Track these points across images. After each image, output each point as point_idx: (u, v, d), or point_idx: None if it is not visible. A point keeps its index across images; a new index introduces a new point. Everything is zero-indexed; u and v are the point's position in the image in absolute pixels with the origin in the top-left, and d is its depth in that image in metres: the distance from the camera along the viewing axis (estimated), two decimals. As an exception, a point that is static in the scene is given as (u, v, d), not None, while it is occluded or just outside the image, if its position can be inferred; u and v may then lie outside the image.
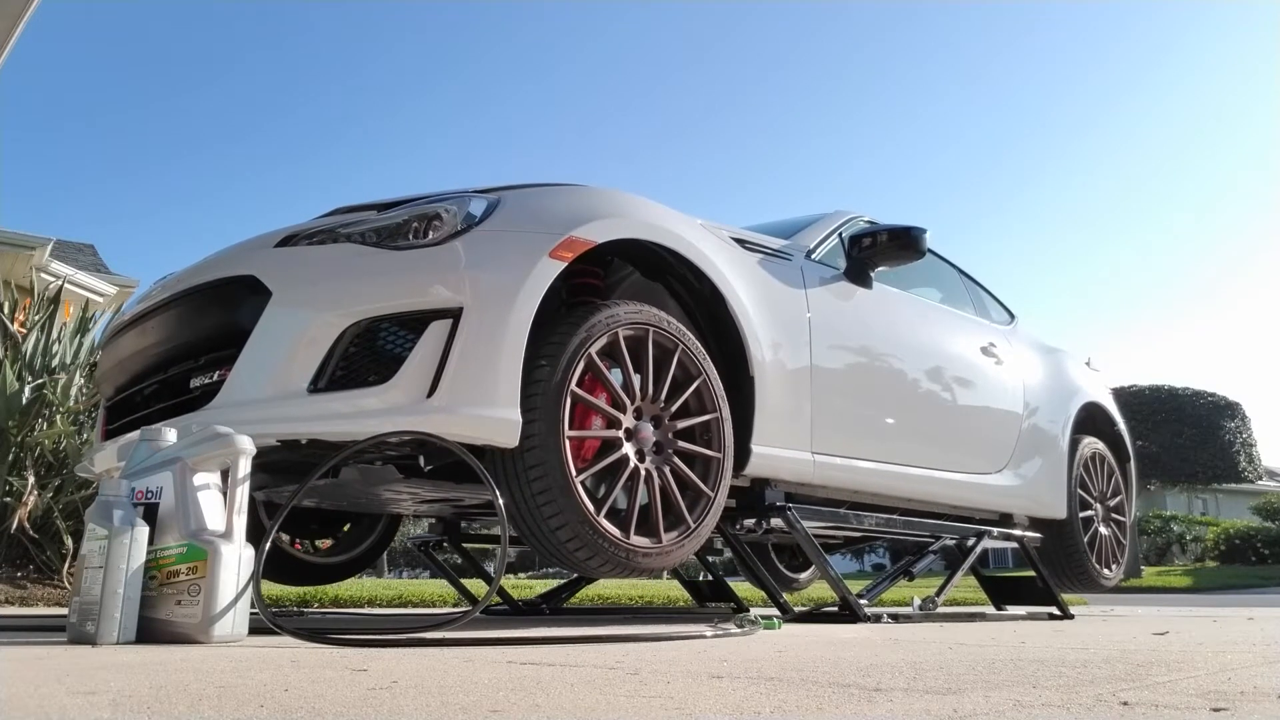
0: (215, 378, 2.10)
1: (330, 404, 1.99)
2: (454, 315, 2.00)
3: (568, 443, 2.08)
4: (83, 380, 4.80)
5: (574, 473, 2.08)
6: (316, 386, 2.00)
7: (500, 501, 1.96)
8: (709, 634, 1.96)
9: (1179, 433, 20.34)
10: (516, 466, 2.06)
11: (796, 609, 2.98)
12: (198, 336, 2.20)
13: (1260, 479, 22.14)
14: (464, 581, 3.90)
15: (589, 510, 2.08)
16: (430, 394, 1.97)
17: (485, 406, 1.98)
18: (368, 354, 2.04)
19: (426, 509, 3.22)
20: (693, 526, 2.30)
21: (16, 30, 5.50)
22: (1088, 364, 4.55)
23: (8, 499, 4.11)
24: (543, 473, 2.04)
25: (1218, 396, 21.17)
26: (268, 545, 1.83)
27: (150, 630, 1.62)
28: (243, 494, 1.75)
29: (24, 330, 4.89)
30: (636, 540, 2.18)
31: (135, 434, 1.96)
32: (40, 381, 4.51)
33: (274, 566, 3.18)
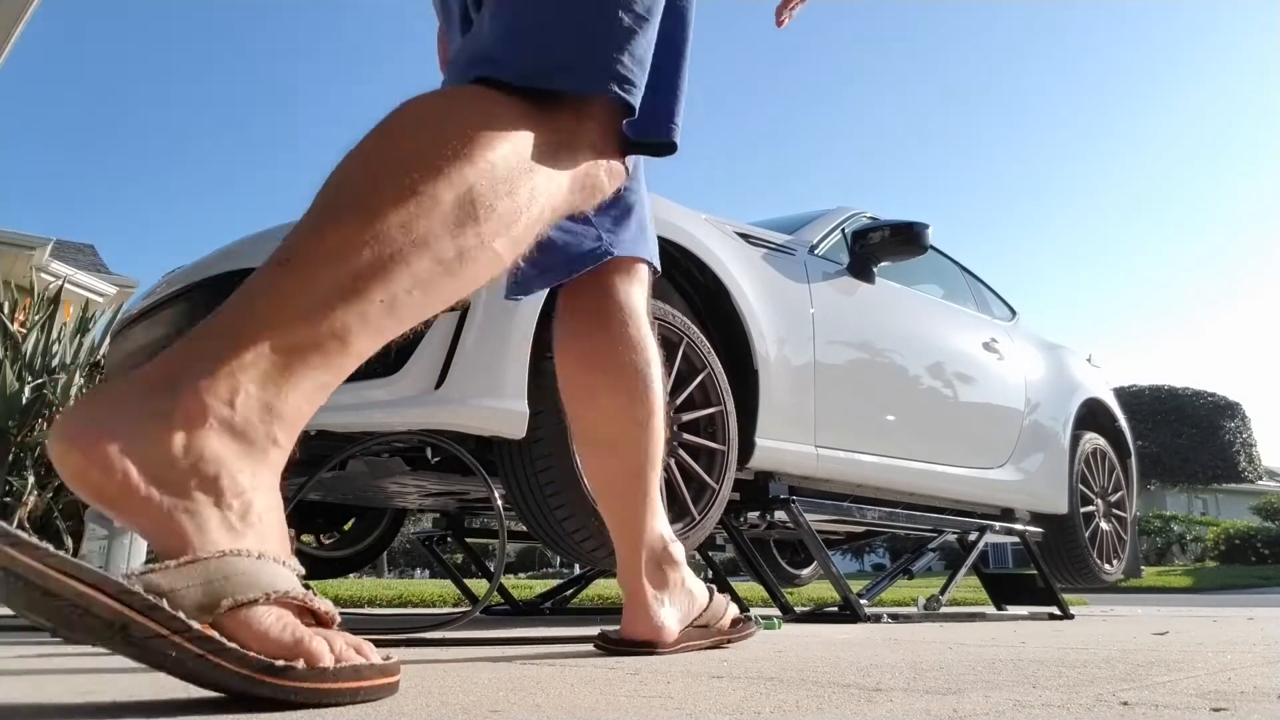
0: (224, 370, 2.11)
1: (338, 395, 1.98)
2: (462, 307, 2.02)
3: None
4: (82, 380, 4.80)
5: (580, 464, 2.08)
6: (325, 378, 2.01)
7: (496, 496, 1.96)
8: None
9: (1179, 433, 20.36)
10: (524, 458, 2.07)
11: (797, 609, 2.98)
12: (206, 329, 2.20)
13: (1260, 479, 22.16)
14: (466, 580, 3.90)
15: (595, 501, 2.09)
16: (438, 385, 1.98)
17: (493, 398, 1.99)
18: (376, 345, 2.04)
19: (431, 503, 3.22)
20: (698, 518, 2.31)
21: (17, 30, 5.50)
22: (1088, 360, 4.55)
23: (8, 499, 4.12)
24: (550, 464, 2.05)
25: (1218, 396, 21.18)
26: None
27: (151, 629, 1.62)
28: (243, 494, 1.75)
29: (24, 330, 4.89)
30: (643, 532, 2.18)
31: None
32: (40, 381, 4.51)
33: (278, 561, 3.19)
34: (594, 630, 2.18)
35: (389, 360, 2.03)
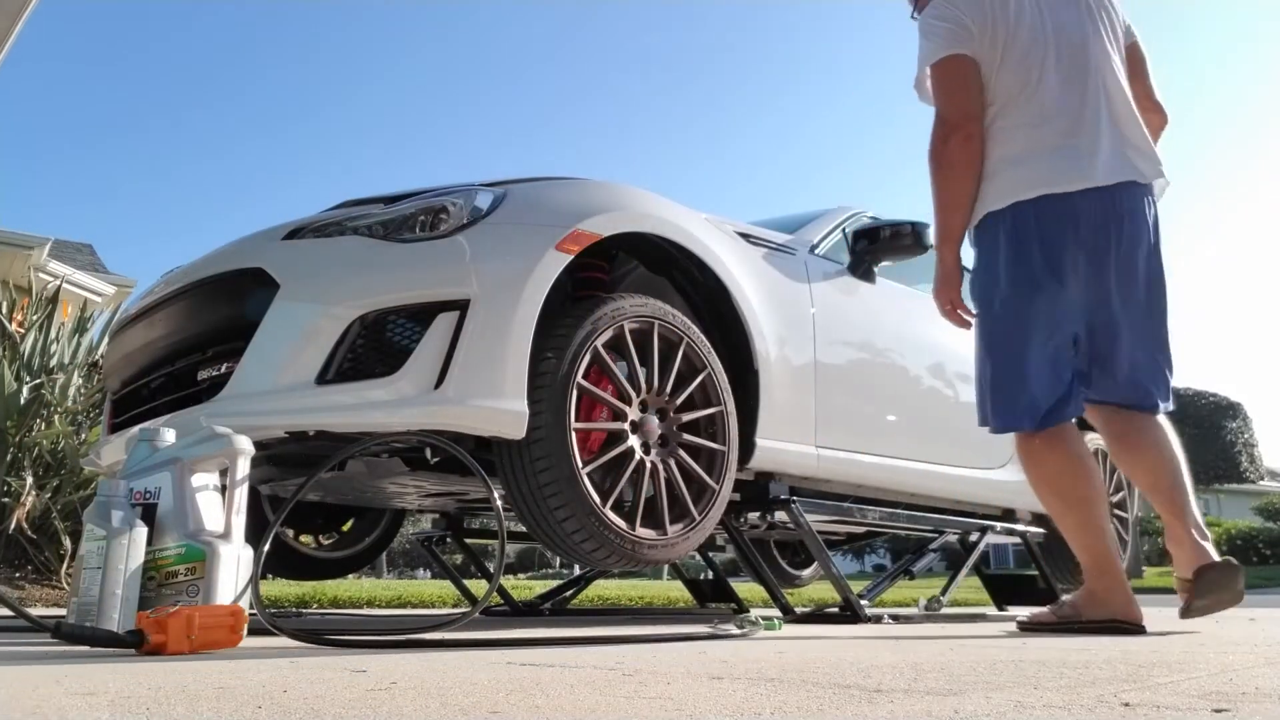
0: (223, 370, 2.11)
1: (338, 395, 2.00)
2: (461, 307, 2.01)
3: (574, 435, 2.08)
4: (81, 380, 4.79)
5: (580, 464, 2.08)
6: (324, 378, 2.00)
7: (496, 496, 1.96)
8: (709, 635, 1.96)
9: (1180, 433, 20.31)
10: (523, 458, 2.06)
11: (797, 609, 2.97)
12: (205, 329, 2.20)
13: (1262, 479, 22.14)
14: (465, 581, 3.89)
15: (595, 502, 2.08)
16: (438, 385, 1.97)
17: (492, 398, 1.98)
18: (375, 346, 2.04)
19: (431, 503, 3.21)
20: (698, 519, 2.30)
21: (16, 28, 5.50)
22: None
23: (6, 499, 4.11)
24: (549, 464, 2.04)
25: (1219, 397, 21.16)
26: (268, 543, 1.83)
27: (148, 631, 1.61)
28: (241, 494, 1.74)
29: (22, 330, 4.88)
30: (642, 532, 2.18)
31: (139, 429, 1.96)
32: (38, 381, 4.50)
33: (277, 560, 3.18)
34: (594, 631, 2.17)
35: (389, 361, 2.02)
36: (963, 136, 2.27)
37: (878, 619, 2.79)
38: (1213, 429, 20.57)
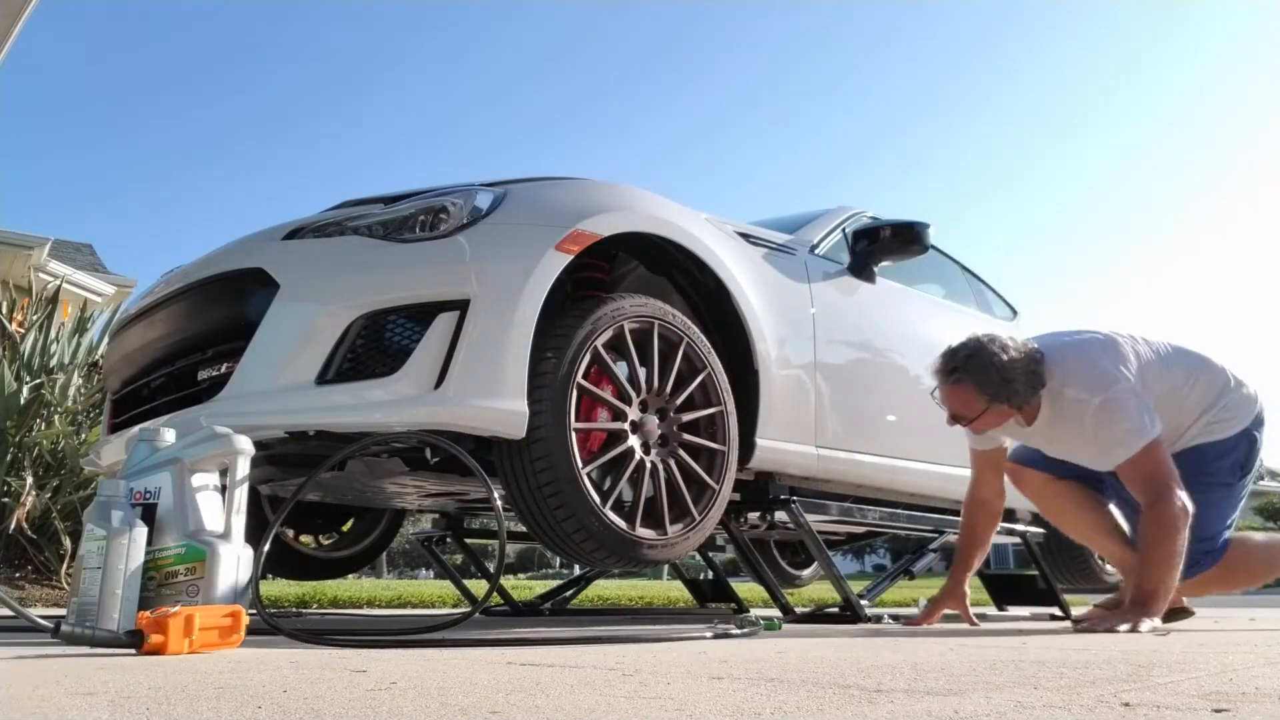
0: (223, 370, 2.11)
1: (338, 395, 2.00)
2: (461, 307, 2.00)
3: (574, 435, 2.08)
4: (81, 380, 4.80)
5: (580, 464, 2.08)
6: (324, 378, 2.00)
7: (495, 496, 1.95)
8: (709, 635, 1.96)
9: (1180, 432, 20.32)
10: (523, 458, 2.06)
11: (798, 609, 2.97)
12: (205, 329, 2.20)
13: (1262, 479, 22.11)
14: (465, 581, 3.89)
15: (595, 502, 2.08)
16: (438, 385, 1.97)
17: (492, 398, 1.98)
18: (375, 346, 2.04)
19: (430, 503, 3.21)
20: (698, 519, 2.30)
21: (16, 28, 5.50)
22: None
23: (6, 500, 4.11)
24: (549, 464, 2.04)
25: (1219, 396, 21.10)
26: (268, 542, 1.83)
27: (148, 631, 1.61)
28: (241, 494, 1.74)
29: (22, 330, 4.89)
30: (642, 532, 2.18)
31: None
32: (38, 381, 4.51)
33: (277, 561, 3.18)
34: (594, 631, 2.17)
35: (389, 361, 2.02)
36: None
37: (878, 619, 2.80)
38: (1213, 429, 20.54)
